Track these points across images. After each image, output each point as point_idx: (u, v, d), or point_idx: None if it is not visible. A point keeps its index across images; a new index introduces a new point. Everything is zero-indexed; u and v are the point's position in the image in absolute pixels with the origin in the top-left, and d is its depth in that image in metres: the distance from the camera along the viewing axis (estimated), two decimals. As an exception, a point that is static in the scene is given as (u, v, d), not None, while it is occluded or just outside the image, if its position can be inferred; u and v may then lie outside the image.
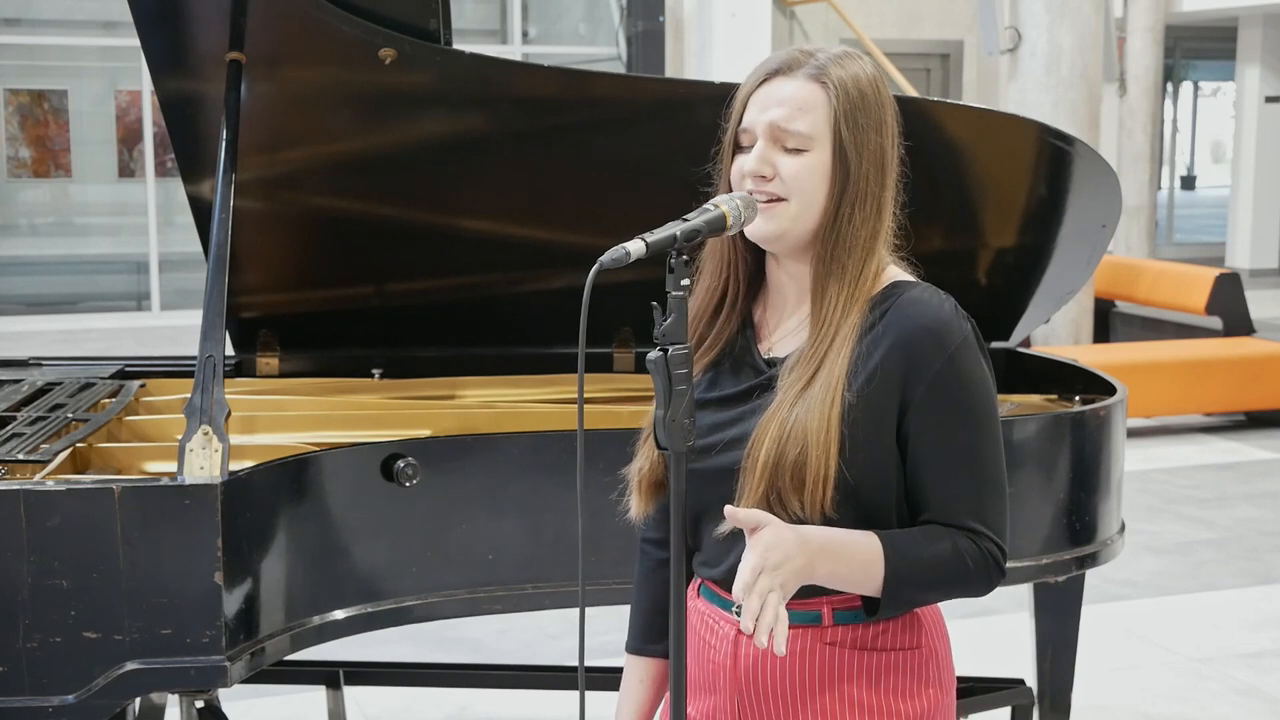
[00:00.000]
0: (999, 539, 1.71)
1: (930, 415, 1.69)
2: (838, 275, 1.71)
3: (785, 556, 1.58)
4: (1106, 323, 9.47)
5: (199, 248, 2.91)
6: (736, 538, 1.74)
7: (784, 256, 1.77)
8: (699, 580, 1.85)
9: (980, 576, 1.70)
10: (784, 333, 1.80)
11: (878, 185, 1.72)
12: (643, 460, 1.83)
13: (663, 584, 1.90)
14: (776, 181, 1.71)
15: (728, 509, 1.61)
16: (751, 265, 1.82)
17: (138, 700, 2.82)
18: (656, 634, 1.92)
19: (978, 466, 1.71)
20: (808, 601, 1.73)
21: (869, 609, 1.72)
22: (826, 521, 1.66)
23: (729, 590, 1.78)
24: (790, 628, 1.74)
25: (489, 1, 13.83)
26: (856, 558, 1.66)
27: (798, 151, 1.71)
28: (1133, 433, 7.40)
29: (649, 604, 1.94)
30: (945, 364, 1.68)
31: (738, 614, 1.76)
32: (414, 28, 2.82)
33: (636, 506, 1.86)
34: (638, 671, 1.94)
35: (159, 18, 2.87)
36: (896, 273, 1.77)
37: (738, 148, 1.76)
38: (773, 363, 1.77)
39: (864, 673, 1.74)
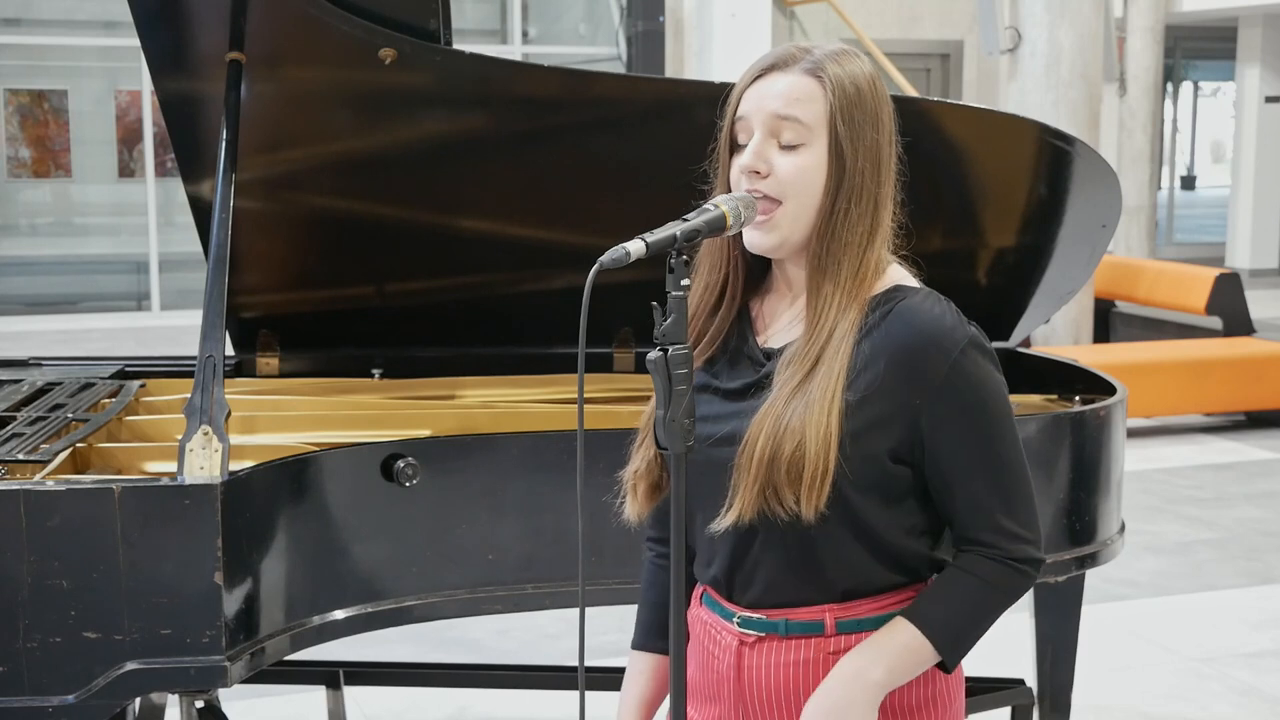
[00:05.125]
0: (1030, 533, 1.71)
1: (945, 423, 1.68)
2: (833, 273, 1.70)
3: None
4: (1106, 323, 9.46)
5: (199, 248, 2.91)
6: (728, 533, 1.73)
7: (783, 257, 1.77)
8: (701, 588, 1.85)
9: (1015, 585, 1.72)
10: (781, 324, 1.79)
11: (874, 182, 1.71)
12: (639, 462, 1.82)
13: (667, 583, 1.89)
14: (771, 180, 1.70)
15: None
16: (750, 261, 1.81)
17: (138, 700, 2.82)
18: (660, 631, 1.91)
19: (1000, 468, 1.70)
20: (810, 610, 1.73)
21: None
22: (820, 518, 1.65)
23: (725, 594, 1.79)
24: (793, 638, 1.74)
25: (489, 1, 13.83)
26: (898, 651, 1.68)
27: (793, 148, 1.70)
28: (1133, 433, 7.40)
29: (655, 599, 1.93)
30: (951, 370, 1.67)
31: (739, 624, 1.77)
32: (414, 28, 2.82)
33: (632, 508, 1.85)
34: (639, 665, 1.93)
35: (159, 18, 2.87)
36: (899, 274, 1.76)
37: (735, 146, 1.76)
38: (769, 354, 1.76)
39: None
